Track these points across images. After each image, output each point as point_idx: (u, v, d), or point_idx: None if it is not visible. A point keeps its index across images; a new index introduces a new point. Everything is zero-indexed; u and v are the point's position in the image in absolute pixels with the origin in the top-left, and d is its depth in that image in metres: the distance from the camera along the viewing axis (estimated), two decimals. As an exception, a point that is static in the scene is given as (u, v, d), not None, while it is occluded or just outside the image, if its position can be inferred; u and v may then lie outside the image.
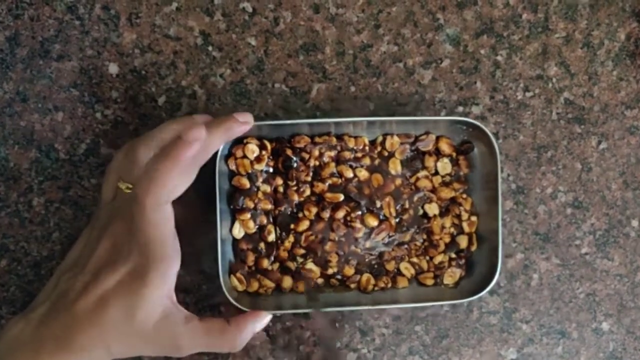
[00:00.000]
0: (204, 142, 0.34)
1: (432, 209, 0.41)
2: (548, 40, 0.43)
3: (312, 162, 0.40)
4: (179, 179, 0.33)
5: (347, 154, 0.40)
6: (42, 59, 0.40)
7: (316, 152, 0.40)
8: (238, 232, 0.40)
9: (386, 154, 0.41)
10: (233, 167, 0.39)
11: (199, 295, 0.42)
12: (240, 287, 0.40)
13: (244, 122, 0.36)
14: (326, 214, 0.40)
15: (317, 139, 0.40)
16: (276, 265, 0.41)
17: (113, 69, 0.41)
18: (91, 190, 0.41)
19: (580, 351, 0.45)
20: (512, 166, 0.44)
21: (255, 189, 0.40)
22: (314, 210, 0.40)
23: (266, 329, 0.43)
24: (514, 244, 0.44)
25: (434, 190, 0.41)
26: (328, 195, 0.40)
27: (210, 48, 0.41)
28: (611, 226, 0.45)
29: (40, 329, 0.32)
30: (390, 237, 0.41)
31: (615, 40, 0.44)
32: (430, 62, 0.43)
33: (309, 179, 0.40)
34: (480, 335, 0.44)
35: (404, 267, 0.41)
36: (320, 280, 0.41)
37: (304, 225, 0.40)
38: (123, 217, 0.34)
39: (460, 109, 0.43)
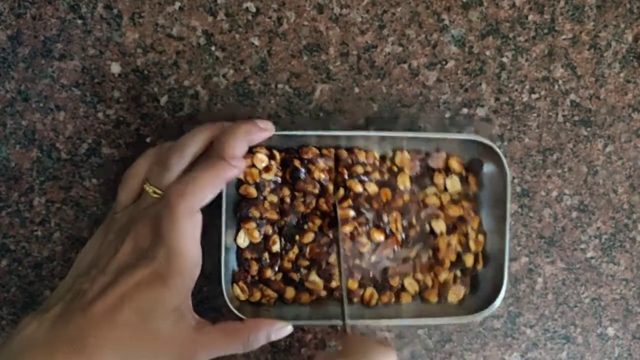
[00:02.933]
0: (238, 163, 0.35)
1: (439, 225, 0.41)
2: (554, 41, 0.43)
3: (317, 175, 0.39)
4: (212, 193, 0.33)
5: (359, 169, 0.40)
6: (44, 58, 0.40)
7: (322, 164, 0.39)
8: (243, 240, 0.40)
9: (396, 169, 0.41)
10: (241, 176, 0.39)
11: (200, 297, 0.41)
12: (243, 297, 0.40)
13: (263, 129, 0.36)
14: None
15: (324, 151, 0.40)
16: (279, 276, 0.40)
17: (115, 68, 0.40)
18: (92, 191, 0.41)
19: (585, 356, 0.44)
20: (517, 169, 0.43)
21: (262, 199, 0.39)
22: (318, 222, 0.40)
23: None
24: (518, 247, 0.43)
25: (442, 207, 0.41)
26: (339, 212, 0.39)
27: (213, 48, 0.41)
28: (617, 230, 0.44)
29: (54, 329, 0.32)
30: (395, 252, 0.41)
31: (623, 42, 0.43)
32: (435, 63, 0.42)
33: (317, 191, 0.40)
34: (483, 340, 0.44)
35: (408, 283, 0.41)
36: (323, 293, 0.40)
37: (309, 237, 0.40)
38: (149, 220, 0.34)
39: (465, 110, 0.43)
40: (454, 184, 0.41)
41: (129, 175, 0.37)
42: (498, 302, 0.39)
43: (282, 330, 0.36)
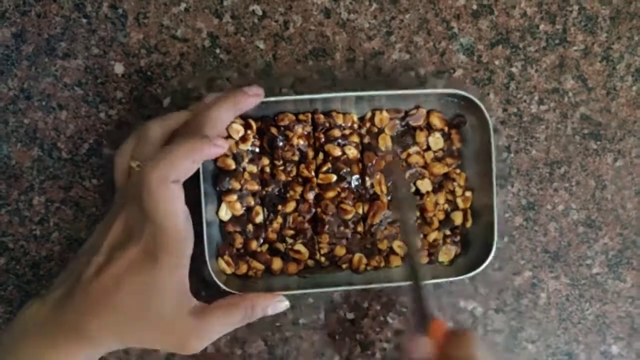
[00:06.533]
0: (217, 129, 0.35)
1: (425, 185, 0.40)
2: (565, 52, 0.42)
3: (295, 141, 0.39)
4: (188, 165, 0.33)
5: (336, 132, 0.39)
6: (48, 57, 0.40)
7: (300, 130, 0.39)
8: (225, 214, 0.39)
9: (376, 130, 0.40)
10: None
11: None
12: (229, 270, 0.39)
13: (254, 95, 0.36)
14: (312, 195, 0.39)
15: (301, 117, 0.39)
16: (265, 247, 0.40)
17: (119, 68, 0.40)
18: (92, 191, 0.40)
19: (588, 374, 0.43)
20: (523, 181, 0.42)
21: (242, 170, 0.39)
22: (299, 190, 0.39)
23: (264, 339, 0.42)
24: (522, 261, 0.43)
25: (426, 166, 0.40)
26: (320, 176, 0.39)
27: (217, 50, 0.40)
28: (625, 247, 0.43)
29: (56, 311, 0.32)
30: (382, 215, 0.40)
31: (636, 55, 0.42)
32: (442, 71, 0.41)
33: (296, 158, 0.39)
34: (484, 354, 0.43)
35: (397, 245, 0.40)
36: (310, 262, 0.40)
37: (292, 206, 0.39)
38: (134, 197, 0.34)
39: (472, 120, 0.42)
40: (436, 141, 0.40)
41: (117, 156, 0.37)
42: (489, 260, 0.38)
43: (278, 303, 0.37)
